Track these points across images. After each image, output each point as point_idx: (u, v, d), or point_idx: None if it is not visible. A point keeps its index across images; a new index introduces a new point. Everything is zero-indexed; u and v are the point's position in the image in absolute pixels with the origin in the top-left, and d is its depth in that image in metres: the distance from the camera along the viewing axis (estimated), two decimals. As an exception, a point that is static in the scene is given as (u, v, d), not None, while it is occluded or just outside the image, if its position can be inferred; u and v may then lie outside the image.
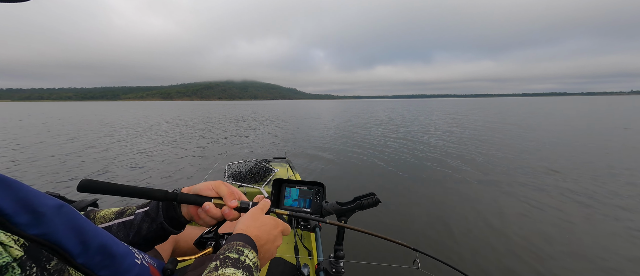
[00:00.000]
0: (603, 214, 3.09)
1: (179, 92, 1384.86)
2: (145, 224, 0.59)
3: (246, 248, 0.47)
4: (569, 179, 4.33)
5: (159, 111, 37.42)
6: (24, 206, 0.33)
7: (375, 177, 4.74)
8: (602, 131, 9.88)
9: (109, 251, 0.41)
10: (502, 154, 6.26)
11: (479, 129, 11.21)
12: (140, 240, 0.59)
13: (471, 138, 8.86)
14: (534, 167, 5.12)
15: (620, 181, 4.21)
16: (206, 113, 30.99)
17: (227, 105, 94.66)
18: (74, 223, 0.38)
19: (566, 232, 2.70)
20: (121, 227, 0.58)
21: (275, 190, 1.04)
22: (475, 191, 3.83)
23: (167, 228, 0.60)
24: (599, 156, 5.91)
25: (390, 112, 26.90)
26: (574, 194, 3.70)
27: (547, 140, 8.14)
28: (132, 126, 14.97)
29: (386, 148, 7.48)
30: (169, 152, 7.31)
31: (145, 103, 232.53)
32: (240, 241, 0.48)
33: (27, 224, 0.33)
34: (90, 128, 13.72)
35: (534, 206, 3.29)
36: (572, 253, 2.37)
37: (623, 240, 2.56)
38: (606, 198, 3.55)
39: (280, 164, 2.59)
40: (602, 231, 2.72)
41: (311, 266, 1.13)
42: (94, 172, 5.38)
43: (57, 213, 0.36)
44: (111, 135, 10.92)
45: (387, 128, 12.37)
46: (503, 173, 4.74)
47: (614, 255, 2.33)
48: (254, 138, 10.18)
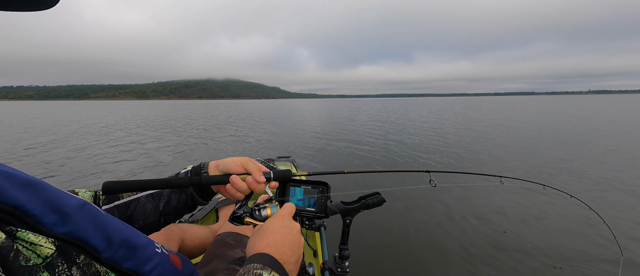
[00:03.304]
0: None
1: (156, 90, 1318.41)
2: (174, 195, 0.62)
3: (265, 270, 0.42)
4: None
5: (133, 111, 35.36)
6: (50, 207, 0.34)
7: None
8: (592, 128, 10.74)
9: (132, 243, 0.43)
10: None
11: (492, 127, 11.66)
12: (170, 210, 0.62)
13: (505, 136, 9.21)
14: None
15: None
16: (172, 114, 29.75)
17: (202, 104, 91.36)
18: (97, 220, 0.39)
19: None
20: (149, 198, 0.61)
21: (279, 189, 1.03)
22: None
23: (197, 199, 0.64)
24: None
25: (385, 113, 26.98)
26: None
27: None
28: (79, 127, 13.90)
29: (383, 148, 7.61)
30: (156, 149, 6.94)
31: (116, 102, 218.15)
32: (259, 264, 0.43)
33: (55, 224, 0.34)
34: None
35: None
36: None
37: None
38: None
39: (285, 163, 2.59)
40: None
41: (316, 266, 1.13)
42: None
43: (81, 211, 0.38)
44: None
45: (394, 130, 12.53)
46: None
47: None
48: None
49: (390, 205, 3.36)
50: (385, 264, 2.22)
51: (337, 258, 1.07)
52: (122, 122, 16.41)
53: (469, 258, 2.31)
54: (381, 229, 2.77)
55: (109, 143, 8.82)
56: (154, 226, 0.62)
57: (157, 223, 0.62)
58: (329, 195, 1.03)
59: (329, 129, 12.07)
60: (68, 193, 0.40)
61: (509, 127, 11.11)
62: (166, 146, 8.29)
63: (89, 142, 8.93)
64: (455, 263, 2.26)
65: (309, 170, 4.31)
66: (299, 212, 1.04)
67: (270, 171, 0.61)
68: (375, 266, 2.18)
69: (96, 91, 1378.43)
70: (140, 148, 7.93)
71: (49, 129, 12.76)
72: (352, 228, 1.00)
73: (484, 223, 2.90)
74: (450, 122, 14.21)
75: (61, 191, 0.38)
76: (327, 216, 1.01)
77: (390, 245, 2.51)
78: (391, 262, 2.25)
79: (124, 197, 0.59)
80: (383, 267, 2.17)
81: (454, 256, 2.36)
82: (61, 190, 0.39)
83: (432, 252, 2.40)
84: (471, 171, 1.15)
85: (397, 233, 2.71)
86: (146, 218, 0.60)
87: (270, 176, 0.61)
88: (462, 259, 2.31)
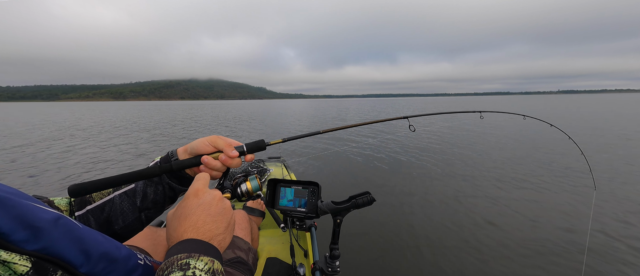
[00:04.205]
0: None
1: (134, 91, 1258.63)
2: (150, 188, 0.59)
3: (192, 257, 0.38)
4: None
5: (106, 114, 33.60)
6: (21, 223, 0.33)
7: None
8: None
9: (111, 256, 0.41)
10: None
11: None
12: (149, 204, 0.59)
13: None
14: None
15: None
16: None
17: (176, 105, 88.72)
18: (73, 234, 0.37)
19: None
20: (124, 197, 0.58)
21: (270, 190, 1.02)
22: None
23: (176, 187, 0.61)
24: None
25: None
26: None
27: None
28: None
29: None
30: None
31: (89, 104, 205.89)
32: (182, 254, 0.38)
33: (26, 241, 0.32)
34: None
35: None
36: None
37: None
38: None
39: (275, 164, 2.59)
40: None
41: (307, 266, 1.13)
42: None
43: (55, 225, 0.36)
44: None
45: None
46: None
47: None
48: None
49: (380, 203, 3.42)
50: (377, 262, 2.25)
51: (327, 257, 1.07)
52: (95, 124, 15.52)
53: (462, 252, 2.41)
54: (372, 227, 2.81)
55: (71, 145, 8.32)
56: (136, 225, 0.60)
57: (138, 220, 0.60)
58: (320, 195, 1.04)
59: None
60: (41, 206, 0.37)
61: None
62: (152, 151, 7.95)
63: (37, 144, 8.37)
64: (446, 262, 2.33)
65: (297, 172, 4.32)
66: (289, 213, 1.03)
67: (242, 144, 0.59)
68: (366, 265, 2.21)
69: (67, 91, 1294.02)
70: (109, 151, 7.55)
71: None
72: (342, 227, 1.01)
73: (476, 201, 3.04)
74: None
75: (34, 205, 0.36)
76: (318, 216, 1.02)
77: (380, 242, 2.55)
78: (382, 260, 2.29)
79: (96, 200, 0.56)
80: (373, 265, 2.20)
81: (444, 255, 2.40)
82: (34, 204, 0.37)
83: (422, 245, 2.47)
84: (450, 110, 1.12)
85: (388, 231, 2.75)
86: (125, 217, 0.58)
87: (243, 150, 0.59)
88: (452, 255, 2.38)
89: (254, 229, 1.18)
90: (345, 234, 2.37)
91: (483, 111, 1.14)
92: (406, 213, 3.19)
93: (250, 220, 1.22)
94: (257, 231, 1.23)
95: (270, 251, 1.29)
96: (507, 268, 2.17)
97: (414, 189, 3.98)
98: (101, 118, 21.71)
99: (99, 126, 14.64)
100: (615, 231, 2.62)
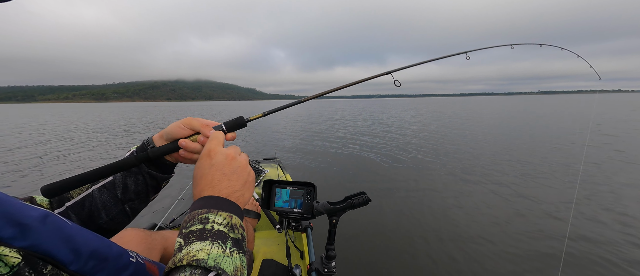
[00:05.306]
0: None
1: (117, 92, 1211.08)
2: (129, 179, 0.57)
3: (211, 212, 0.40)
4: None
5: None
6: (7, 220, 0.32)
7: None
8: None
9: (102, 254, 0.41)
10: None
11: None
12: (131, 196, 0.58)
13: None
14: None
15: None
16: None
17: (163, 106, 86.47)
18: (62, 232, 0.37)
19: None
20: (103, 190, 0.56)
21: (265, 192, 1.02)
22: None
23: (157, 175, 0.59)
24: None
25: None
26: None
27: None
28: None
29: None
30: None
31: (67, 105, 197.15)
32: (202, 209, 0.40)
33: (13, 238, 0.32)
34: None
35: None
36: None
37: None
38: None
39: (271, 164, 2.56)
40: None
41: (303, 267, 1.13)
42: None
43: (43, 223, 0.36)
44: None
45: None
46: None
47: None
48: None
49: (376, 203, 3.44)
50: (372, 262, 2.27)
51: (323, 258, 1.08)
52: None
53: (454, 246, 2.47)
54: (368, 227, 2.83)
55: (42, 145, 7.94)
56: (121, 217, 0.58)
57: (123, 212, 0.58)
58: (315, 196, 1.04)
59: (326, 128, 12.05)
60: (29, 204, 0.37)
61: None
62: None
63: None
64: (442, 261, 2.38)
65: (293, 173, 4.31)
66: (285, 214, 1.03)
67: (221, 123, 0.57)
68: (362, 265, 2.22)
69: (45, 92, 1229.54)
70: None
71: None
72: (338, 228, 1.02)
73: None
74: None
75: (21, 202, 0.36)
76: (314, 217, 1.02)
77: (376, 242, 2.58)
78: (378, 260, 2.31)
79: (75, 196, 0.54)
80: (370, 265, 2.23)
81: (438, 256, 2.45)
82: (22, 202, 0.36)
83: (418, 245, 2.51)
84: (433, 57, 1.01)
85: (384, 231, 2.78)
86: (108, 211, 0.56)
87: (222, 128, 0.56)
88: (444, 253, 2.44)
89: (249, 230, 1.18)
90: (341, 234, 2.38)
91: (469, 51, 1.05)
92: (402, 213, 3.24)
93: (246, 222, 1.21)
94: (252, 232, 1.22)
95: (265, 252, 1.28)
96: (503, 268, 2.22)
97: (410, 189, 4.04)
98: (78, 121, 20.79)
99: (77, 128, 14.01)
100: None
